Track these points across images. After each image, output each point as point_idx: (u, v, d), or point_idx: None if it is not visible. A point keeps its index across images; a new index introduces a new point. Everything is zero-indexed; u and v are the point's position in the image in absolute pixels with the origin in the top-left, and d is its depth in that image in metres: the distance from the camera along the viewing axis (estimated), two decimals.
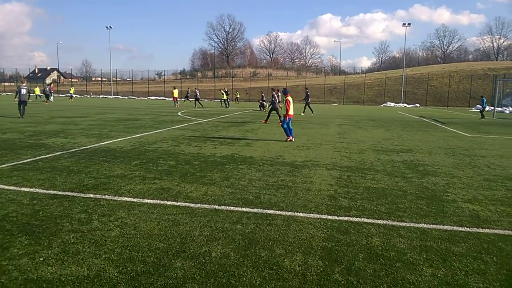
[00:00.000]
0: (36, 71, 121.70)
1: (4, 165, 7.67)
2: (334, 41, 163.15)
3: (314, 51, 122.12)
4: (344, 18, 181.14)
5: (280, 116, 14.03)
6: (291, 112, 12.12)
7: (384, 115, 30.63)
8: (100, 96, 61.44)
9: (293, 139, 12.33)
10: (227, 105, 36.06)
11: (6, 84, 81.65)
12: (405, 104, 54.64)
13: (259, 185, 6.55)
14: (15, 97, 19.08)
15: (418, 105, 54.61)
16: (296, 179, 7.07)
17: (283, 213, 5.16)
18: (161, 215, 4.95)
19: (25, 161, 8.16)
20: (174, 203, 5.47)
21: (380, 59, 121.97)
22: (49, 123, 16.56)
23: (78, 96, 60.72)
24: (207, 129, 15.71)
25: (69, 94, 43.79)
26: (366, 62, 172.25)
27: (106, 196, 5.74)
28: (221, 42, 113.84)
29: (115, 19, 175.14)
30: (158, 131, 14.40)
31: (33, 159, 8.40)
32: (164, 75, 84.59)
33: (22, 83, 20.49)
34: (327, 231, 4.55)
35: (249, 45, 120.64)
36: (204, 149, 10.33)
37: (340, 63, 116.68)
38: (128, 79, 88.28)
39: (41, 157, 8.64)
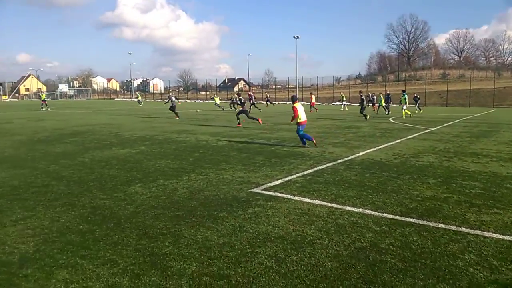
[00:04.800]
0: (226, 81, 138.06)
1: (293, 176, 7.60)
2: None
3: None
4: None
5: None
6: (303, 118, 11.75)
7: None
8: (287, 102, 64.70)
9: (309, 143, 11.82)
10: (387, 111, 28.90)
11: (203, 93, 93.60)
12: None
13: None
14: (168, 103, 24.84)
15: None
16: None
17: None
18: None
19: (308, 171, 8.01)
20: None
21: None
22: (278, 130, 17.18)
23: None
24: (451, 140, 13.54)
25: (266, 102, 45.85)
26: None
27: (463, 228, 4.71)
28: (401, 44, 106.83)
29: (294, 30, 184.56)
30: (397, 141, 13.12)
31: (313, 170, 8.19)
32: (343, 80, 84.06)
33: (170, 93, 25.41)
34: None
35: (433, 44, 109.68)
36: (490, 167, 8.56)
37: None
38: (300, 86, 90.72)
39: (316, 168, 8.38)
